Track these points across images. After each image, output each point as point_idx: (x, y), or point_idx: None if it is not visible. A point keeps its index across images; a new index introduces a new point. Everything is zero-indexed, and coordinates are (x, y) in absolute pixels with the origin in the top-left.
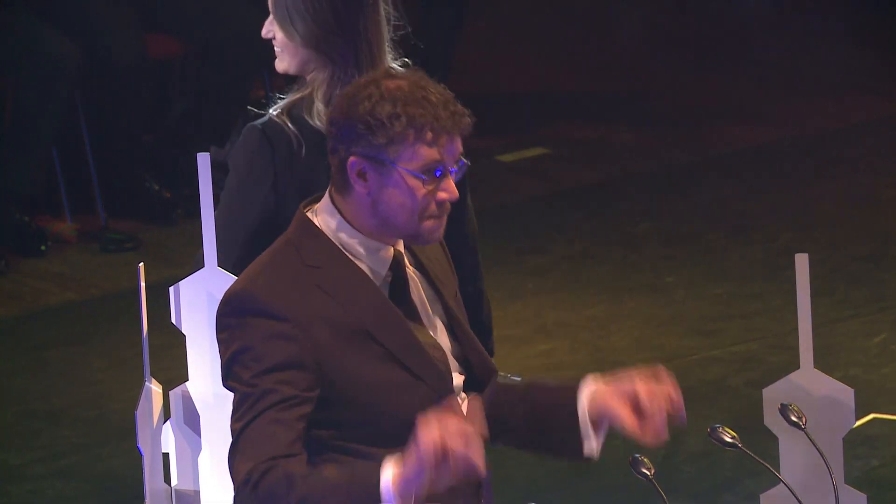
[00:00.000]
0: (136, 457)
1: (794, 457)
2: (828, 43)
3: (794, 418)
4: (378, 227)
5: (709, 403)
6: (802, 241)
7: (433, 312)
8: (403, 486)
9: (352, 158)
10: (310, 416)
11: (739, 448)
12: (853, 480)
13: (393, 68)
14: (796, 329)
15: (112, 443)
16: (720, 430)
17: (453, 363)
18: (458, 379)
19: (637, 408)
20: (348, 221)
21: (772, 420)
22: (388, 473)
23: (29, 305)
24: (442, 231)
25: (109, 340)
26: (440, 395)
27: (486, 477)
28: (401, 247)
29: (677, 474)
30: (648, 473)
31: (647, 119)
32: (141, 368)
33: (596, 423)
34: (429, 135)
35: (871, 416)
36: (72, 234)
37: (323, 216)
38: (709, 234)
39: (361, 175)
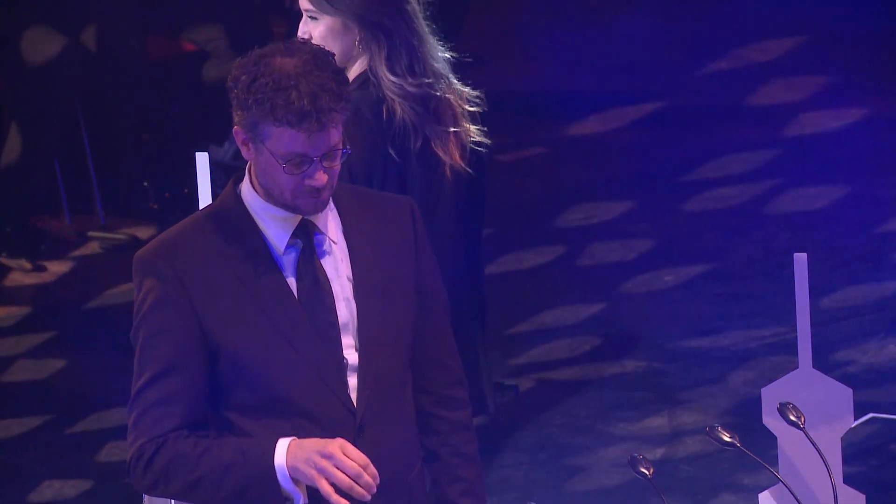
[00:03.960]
0: None
1: (792, 456)
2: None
3: (792, 417)
4: (267, 195)
5: (708, 403)
6: (802, 241)
7: (343, 284)
8: (297, 472)
9: (235, 127)
10: (199, 381)
11: (738, 447)
12: (852, 480)
13: (291, 41)
14: (795, 329)
15: (112, 443)
16: (719, 429)
17: (348, 340)
18: (351, 357)
19: None
20: (253, 185)
21: (770, 419)
22: (282, 452)
23: (29, 305)
24: (321, 204)
25: (109, 340)
26: (320, 372)
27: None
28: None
29: (676, 473)
30: (647, 473)
31: (647, 119)
32: None
33: None
34: (287, 128)
35: (870, 415)
36: (71, 234)
37: (243, 180)
38: (709, 234)
39: (245, 144)
